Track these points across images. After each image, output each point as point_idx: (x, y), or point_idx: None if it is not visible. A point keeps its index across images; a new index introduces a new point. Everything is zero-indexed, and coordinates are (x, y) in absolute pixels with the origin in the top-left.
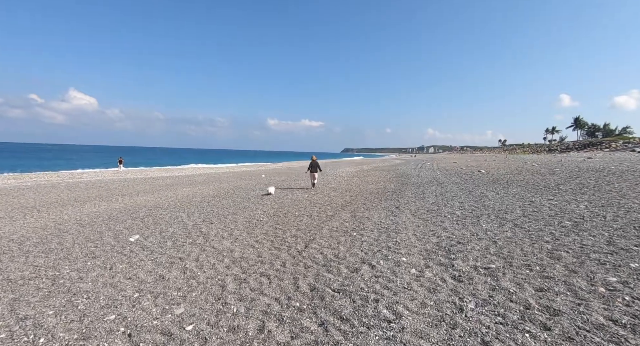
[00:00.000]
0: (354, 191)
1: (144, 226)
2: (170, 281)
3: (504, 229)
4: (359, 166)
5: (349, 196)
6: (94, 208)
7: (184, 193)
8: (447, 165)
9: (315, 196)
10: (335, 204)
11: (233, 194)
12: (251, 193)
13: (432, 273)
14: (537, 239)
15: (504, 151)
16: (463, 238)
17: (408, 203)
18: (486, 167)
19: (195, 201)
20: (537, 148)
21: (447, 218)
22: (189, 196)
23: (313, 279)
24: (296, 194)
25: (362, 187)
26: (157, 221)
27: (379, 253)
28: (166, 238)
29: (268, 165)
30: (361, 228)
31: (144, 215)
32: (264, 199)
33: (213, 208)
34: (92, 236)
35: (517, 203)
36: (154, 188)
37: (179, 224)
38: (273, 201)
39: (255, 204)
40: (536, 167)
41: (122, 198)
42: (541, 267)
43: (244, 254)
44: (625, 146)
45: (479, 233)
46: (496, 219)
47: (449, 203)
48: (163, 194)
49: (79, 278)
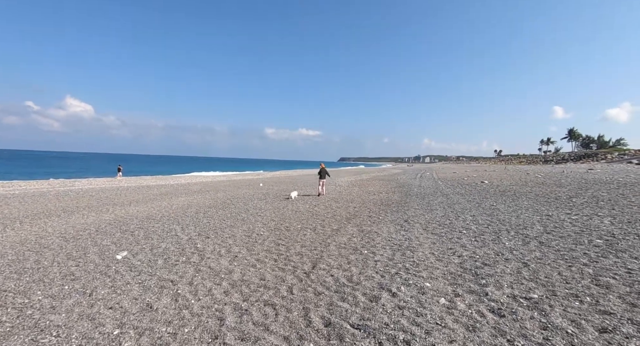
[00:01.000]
0: (356, 202)
1: (134, 241)
2: (159, 312)
3: (530, 247)
4: (358, 176)
5: (352, 208)
6: (81, 219)
7: (179, 202)
8: (447, 175)
9: (317, 207)
10: (339, 216)
11: (230, 204)
12: (249, 203)
13: (465, 304)
14: (573, 261)
15: (501, 162)
16: (488, 258)
17: (416, 216)
18: (488, 178)
19: (190, 211)
20: (533, 159)
21: (462, 233)
22: (184, 207)
23: (326, 310)
24: (297, 204)
25: (365, 197)
26: (149, 235)
27: (398, 277)
28: (157, 255)
29: (266, 174)
30: (371, 245)
31: (134, 228)
32: (263, 210)
33: (209, 220)
34: (75, 252)
35: (534, 217)
36: (148, 197)
37: (172, 238)
38: (273, 213)
39: (254, 215)
40: (540, 178)
41: (113, 208)
42: (592, 298)
43: (244, 276)
44: (621, 158)
45: (504, 252)
46: (517, 235)
47: (460, 216)
48: (157, 204)
49: (51, 308)
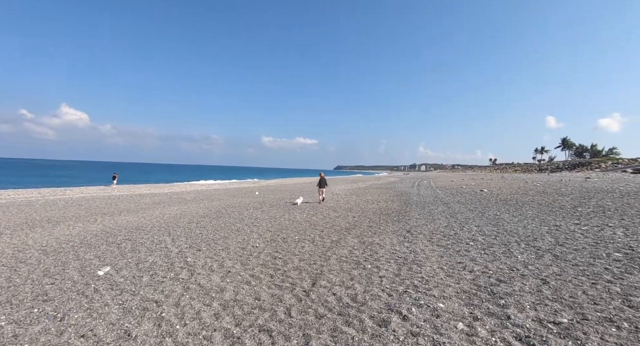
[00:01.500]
0: (355, 211)
1: (120, 254)
2: (138, 341)
3: (545, 262)
4: (355, 184)
5: (351, 217)
6: (66, 230)
7: (171, 212)
8: (445, 184)
9: (314, 216)
10: (338, 226)
11: (225, 213)
12: (245, 212)
13: (486, 330)
14: (595, 277)
15: (496, 170)
16: (502, 274)
17: (418, 226)
18: (487, 187)
19: (182, 221)
20: (528, 167)
21: (470, 245)
22: (177, 216)
23: (330, 337)
24: (293, 214)
25: (364, 206)
26: (136, 247)
27: (407, 296)
28: (143, 270)
29: (262, 182)
30: (375, 259)
31: (122, 239)
32: (258, 220)
33: (202, 231)
34: (54, 268)
35: (542, 227)
36: (140, 207)
37: (161, 251)
38: (269, 223)
39: (249, 226)
40: (539, 186)
41: (102, 218)
42: (630, 323)
43: (237, 295)
44: (615, 167)
45: (518, 267)
46: (529, 248)
47: (464, 226)
48: (148, 214)
49: (12, 337)
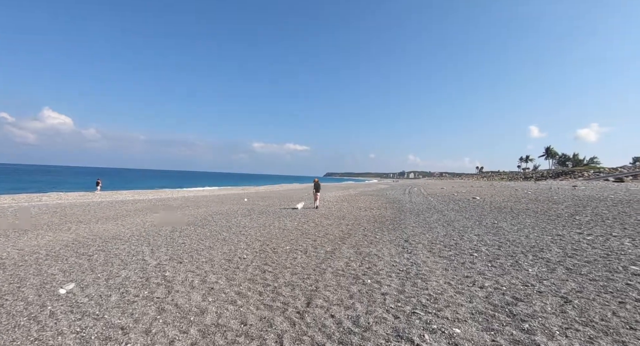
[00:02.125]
0: (348, 219)
1: (89, 268)
2: None
3: (560, 276)
4: (346, 190)
5: (344, 225)
6: (34, 239)
7: (154, 219)
8: (435, 191)
9: (306, 224)
10: (332, 235)
11: (211, 221)
12: (232, 220)
13: None
14: (620, 295)
15: (483, 178)
16: (517, 291)
17: (416, 235)
18: (478, 194)
19: (165, 230)
20: (514, 176)
21: (474, 257)
22: (160, 224)
23: None
24: (284, 222)
25: (356, 214)
26: (109, 260)
27: (416, 318)
28: (113, 287)
29: (251, 188)
30: (374, 272)
31: (95, 250)
32: (246, 228)
33: (185, 240)
34: (7, 285)
35: (545, 237)
36: (120, 214)
37: (137, 264)
38: (258, 231)
39: (237, 234)
40: (530, 194)
41: (77, 227)
42: None
43: (220, 317)
44: (598, 176)
45: (532, 282)
46: (537, 260)
47: (464, 235)
48: (129, 222)
49: None
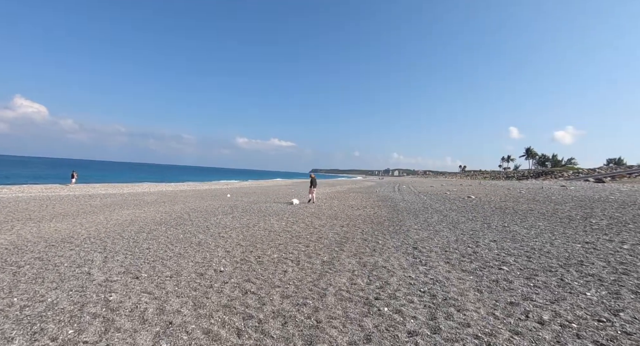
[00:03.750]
0: (341, 219)
1: (8, 287)
2: None
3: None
4: (333, 187)
5: (339, 227)
6: None
7: (121, 217)
8: (425, 189)
9: (295, 224)
10: (327, 239)
11: (187, 220)
12: (211, 219)
13: None
14: None
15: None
16: (594, 330)
17: (423, 240)
18: (472, 193)
19: (130, 230)
20: (496, 175)
21: (505, 271)
22: (126, 223)
23: None
24: (270, 222)
25: (350, 213)
26: (42, 273)
27: None
28: (24, 322)
29: (235, 183)
30: (389, 294)
31: (30, 258)
32: (227, 229)
33: (152, 244)
34: None
35: (572, 244)
36: (84, 210)
37: (77, 280)
38: (240, 233)
39: (214, 237)
40: (525, 194)
41: (23, 225)
42: None
43: None
44: (577, 176)
45: (605, 315)
46: (585, 277)
47: (478, 241)
48: (90, 220)
49: None
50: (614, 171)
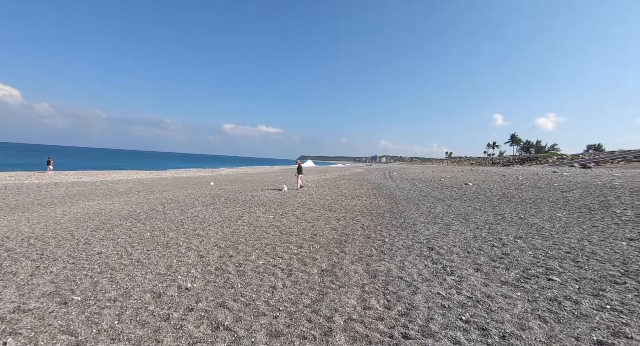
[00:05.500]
0: (336, 210)
1: None
2: None
3: None
4: (323, 174)
5: (335, 220)
6: None
7: (82, 210)
8: (417, 176)
9: (284, 217)
10: (322, 236)
11: (160, 213)
12: (188, 211)
13: None
14: None
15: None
16: None
17: (436, 237)
18: (468, 180)
19: (87, 227)
20: (482, 161)
21: (558, 283)
22: (85, 217)
23: None
24: (256, 214)
25: (344, 203)
26: None
27: None
28: None
29: (221, 170)
30: (420, 327)
31: None
32: (204, 225)
33: (106, 246)
34: None
35: (616, 242)
36: (40, 201)
37: None
38: (220, 230)
39: (188, 235)
40: (522, 180)
41: None
42: None
43: None
44: (561, 162)
45: None
46: None
47: (502, 238)
48: (42, 213)
49: None
50: (598, 157)
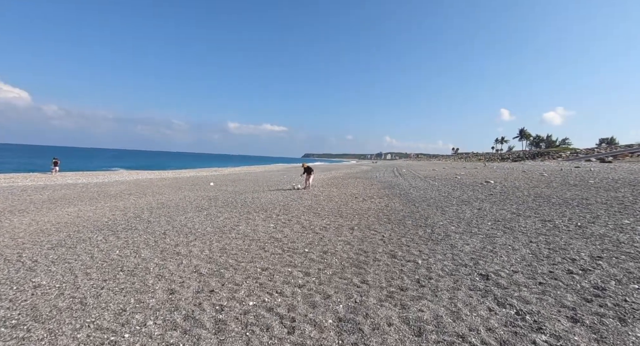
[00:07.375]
0: (347, 215)
1: None
2: None
3: None
4: (329, 172)
5: (347, 229)
6: None
7: (55, 218)
8: (429, 173)
9: (287, 227)
10: (335, 254)
11: (144, 221)
12: (178, 218)
13: None
14: None
15: (460, 159)
16: None
17: (483, 256)
18: (488, 177)
19: (47, 242)
20: (491, 157)
21: None
22: (53, 228)
23: None
24: (254, 221)
25: (355, 206)
26: None
27: None
28: None
29: (224, 170)
30: None
31: None
32: (191, 237)
33: (52, 274)
34: None
35: None
36: (13, 207)
37: None
38: (208, 244)
39: (164, 255)
40: (550, 177)
41: None
42: None
43: None
44: (576, 156)
45: None
46: None
47: (575, 259)
48: (4, 223)
49: None
50: (615, 151)
